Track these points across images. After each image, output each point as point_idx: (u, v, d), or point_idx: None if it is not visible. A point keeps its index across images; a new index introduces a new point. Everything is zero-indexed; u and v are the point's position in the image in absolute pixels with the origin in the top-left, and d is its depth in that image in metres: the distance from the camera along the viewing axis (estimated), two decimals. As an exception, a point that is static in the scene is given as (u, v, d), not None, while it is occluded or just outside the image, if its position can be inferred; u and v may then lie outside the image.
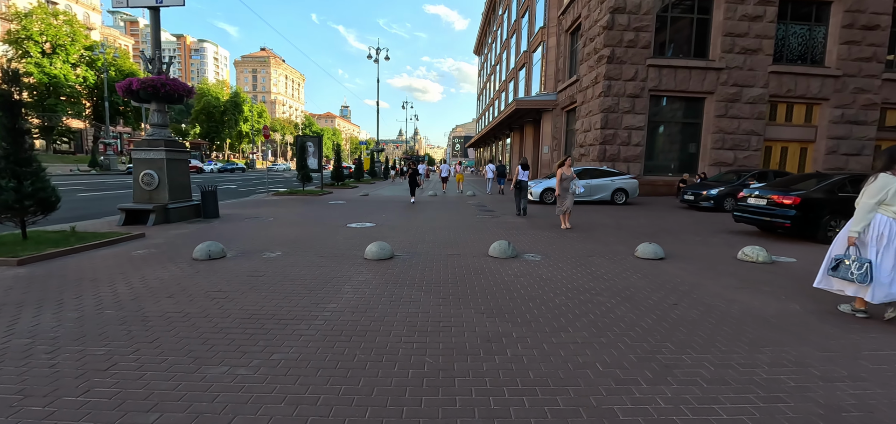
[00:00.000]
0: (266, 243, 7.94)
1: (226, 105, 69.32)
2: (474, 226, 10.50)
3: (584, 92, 22.28)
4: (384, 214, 12.70)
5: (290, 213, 12.63)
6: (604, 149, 20.31)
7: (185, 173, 11.14)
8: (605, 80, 19.94)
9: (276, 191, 20.17)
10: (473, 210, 14.26)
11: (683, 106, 21.04)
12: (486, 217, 12.42)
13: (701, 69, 20.18)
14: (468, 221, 11.42)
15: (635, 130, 20.32)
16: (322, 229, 9.70)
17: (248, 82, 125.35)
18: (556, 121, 27.04)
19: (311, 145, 23.10)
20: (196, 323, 3.97)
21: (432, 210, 14.12)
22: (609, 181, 16.47)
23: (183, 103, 10.74)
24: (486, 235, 9.11)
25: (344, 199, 17.59)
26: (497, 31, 50.36)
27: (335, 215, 12.36)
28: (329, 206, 14.79)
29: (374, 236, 8.76)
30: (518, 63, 36.88)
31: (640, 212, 14.31)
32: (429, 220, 11.39)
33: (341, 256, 6.90)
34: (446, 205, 15.77)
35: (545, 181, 16.53)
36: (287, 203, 15.81)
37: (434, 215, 12.69)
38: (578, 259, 7.02)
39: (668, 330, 4.00)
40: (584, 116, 22.13)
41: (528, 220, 11.80)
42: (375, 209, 14.18)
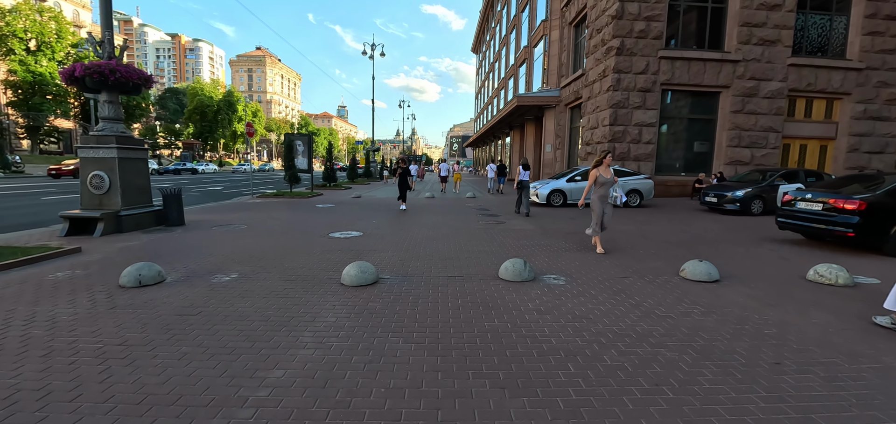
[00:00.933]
0: (224, 260, 6.42)
1: (219, 104, 67.62)
2: (478, 235, 8.99)
3: (590, 86, 20.82)
4: (375, 220, 11.19)
5: (267, 219, 11.11)
6: (612, 148, 18.83)
7: (142, 174, 9.59)
8: (614, 74, 18.48)
9: (262, 193, 18.63)
10: (475, 214, 12.76)
11: (697, 101, 19.59)
12: (490, 223, 10.93)
13: (716, 61, 18.75)
14: (470, 228, 9.91)
15: (646, 127, 18.87)
16: (298, 240, 8.18)
17: (244, 82, 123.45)
18: (559, 118, 25.59)
19: (300, 144, 21.55)
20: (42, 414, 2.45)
21: (429, 215, 12.62)
22: (622, 181, 14.99)
23: (139, 93, 9.23)
24: (494, 248, 7.62)
25: (333, 202, 16.06)
26: (495, 28, 48.87)
27: (319, 221, 10.84)
28: (314, 210, 13.26)
29: (360, 249, 7.27)
30: (518, 59, 35.40)
31: (660, 215, 12.85)
32: (425, 228, 9.87)
33: (312, 280, 5.39)
34: (445, 209, 14.27)
35: (553, 182, 15.07)
36: (269, 206, 14.29)
37: (431, 221, 11.18)
38: (612, 282, 5.53)
39: (799, 421, 2.51)
40: (591, 112, 20.67)
41: (538, 226, 10.33)
42: (366, 213, 12.67)
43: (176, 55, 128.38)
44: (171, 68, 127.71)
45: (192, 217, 11.21)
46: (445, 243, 8.01)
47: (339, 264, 6.18)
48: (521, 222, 11.04)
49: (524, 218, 11.68)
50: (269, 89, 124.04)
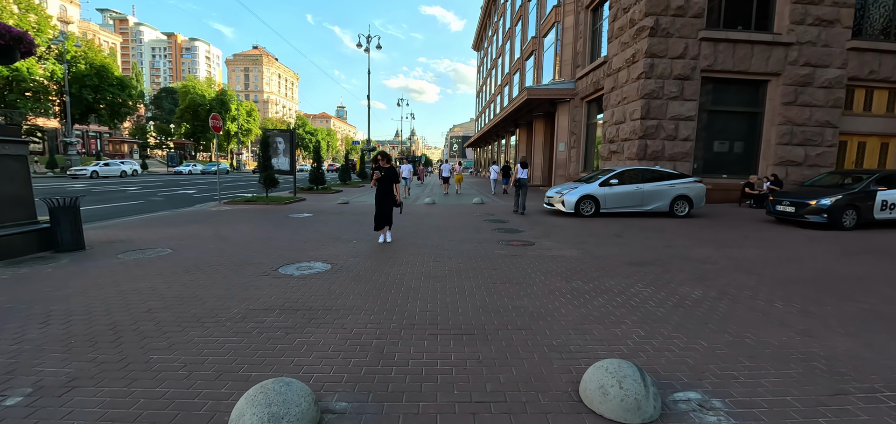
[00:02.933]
0: (43, 346, 3.42)
1: (212, 103, 64.46)
2: (504, 270, 5.97)
3: (614, 75, 17.84)
4: (356, 240, 8.17)
5: (212, 238, 8.09)
6: (644, 145, 15.87)
7: (18, 178, 6.54)
8: (646, 58, 15.50)
9: (232, 199, 15.61)
10: (489, 228, 9.76)
11: (741, 91, 16.61)
12: (514, 244, 7.91)
13: (766, 44, 15.78)
14: (489, 256, 6.89)
15: (683, 121, 15.89)
16: (223, 283, 5.16)
17: (241, 81, 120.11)
18: (574, 113, 22.60)
19: (281, 141, 18.53)
20: None
21: (430, 230, 9.60)
22: (667, 186, 12.01)
23: (12, 60, 6.27)
24: (540, 303, 4.60)
25: (313, 210, 13.06)
26: (498, 22, 45.91)
27: (278, 242, 7.82)
28: (284, 223, 10.26)
29: (312, 306, 4.27)
30: (524, 52, 32.42)
31: (728, 231, 9.86)
32: (424, 256, 6.83)
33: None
34: (450, 220, 11.26)
35: (583, 186, 12.05)
36: (231, 217, 11.29)
37: (433, 242, 8.16)
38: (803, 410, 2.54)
39: None
40: (616, 105, 17.69)
41: (583, 251, 7.29)
42: (348, 228, 9.66)
43: (172, 55, 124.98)
44: (167, 68, 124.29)
45: (111, 234, 8.21)
46: (457, 291, 4.98)
47: (256, 353, 3.19)
48: (556, 244, 8.03)
49: (550, 236, 8.71)
50: (266, 89, 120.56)
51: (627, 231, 9.53)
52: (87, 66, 46.75)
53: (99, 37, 79.11)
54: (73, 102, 47.52)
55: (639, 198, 11.91)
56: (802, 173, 16.30)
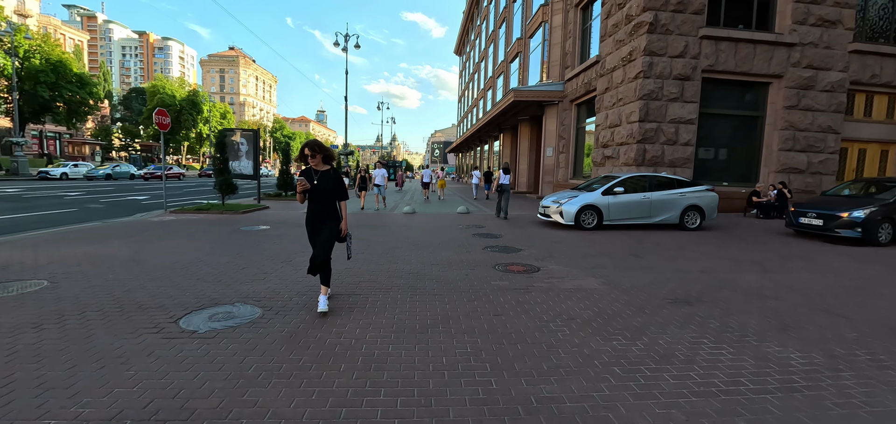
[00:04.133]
0: None
1: (182, 103, 61.04)
2: (511, 320, 4.23)
3: (608, 75, 16.50)
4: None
5: (116, 265, 6.12)
6: (642, 150, 14.51)
7: None
8: (644, 56, 14.18)
9: (180, 208, 13.45)
10: (479, 246, 8.05)
11: (742, 93, 15.49)
12: (515, 271, 6.21)
13: (768, 44, 14.70)
14: (483, 289, 5.18)
15: (684, 124, 14.61)
16: (60, 364, 3.28)
17: (216, 83, 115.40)
18: (563, 116, 21.23)
19: (244, 142, 16.43)
20: None
21: (407, 249, 7.81)
22: (677, 195, 10.58)
23: None
24: (580, 389, 2.91)
25: (273, 221, 11.10)
26: (481, 25, 44.61)
27: (205, 271, 5.91)
28: (228, 239, 8.31)
29: (199, 401, 2.47)
30: (509, 54, 31.07)
31: (753, 248, 8.43)
32: (390, 299, 5.03)
33: None
34: (431, 235, 9.50)
35: (584, 195, 10.49)
36: (168, 230, 9.25)
37: (408, 268, 6.38)
38: None
39: None
40: (610, 107, 16.33)
41: (607, 281, 5.64)
42: (306, 245, 7.79)
43: (143, 54, 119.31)
44: (138, 68, 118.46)
45: None
46: (444, 365, 3.20)
47: None
48: (567, 270, 6.38)
49: (554, 257, 7.08)
50: (243, 91, 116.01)
51: (642, 248, 7.98)
52: (43, 61, 43.07)
53: (61, 32, 74.38)
54: (27, 100, 43.79)
55: (646, 209, 10.43)
56: (805, 181, 15.25)
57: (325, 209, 4.19)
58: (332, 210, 4.22)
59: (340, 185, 4.20)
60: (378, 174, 15.74)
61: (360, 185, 15.06)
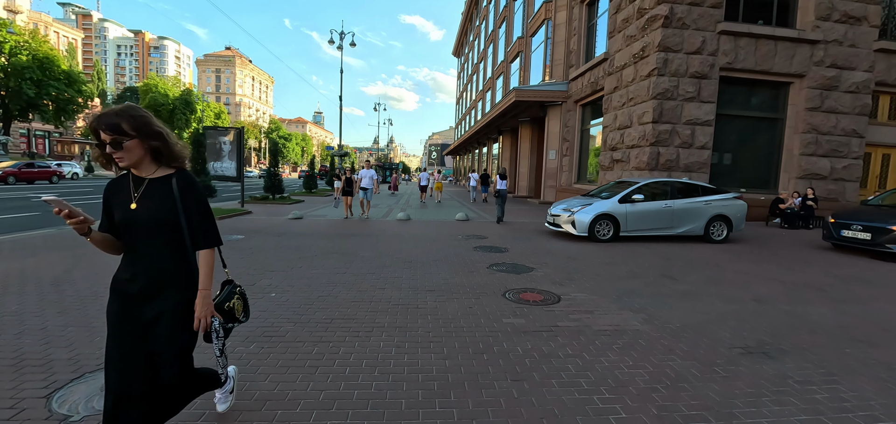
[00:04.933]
0: None
1: (175, 102, 59.58)
2: (534, 388, 3.04)
3: (617, 74, 15.37)
4: (273, 295, 5.10)
5: (13, 287, 4.88)
6: (656, 153, 13.37)
7: None
8: (658, 52, 13.06)
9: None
10: (483, 266, 6.82)
11: (760, 94, 14.41)
12: (533, 303, 4.99)
13: (790, 41, 13.62)
14: (492, 331, 3.97)
15: (700, 126, 13.49)
16: None
17: (211, 83, 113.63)
18: (566, 117, 20.09)
19: (226, 141, 15.16)
20: None
21: (393, 269, 6.57)
22: (702, 203, 9.42)
23: None
24: None
25: (248, 230, 9.85)
26: (481, 25, 43.54)
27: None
28: (191, 252, 7.06)
29: None
30: (509, 54, 29.97)
31: (797, 266, 7.27)
32: (369, 345, 3.83)
33: None
34: (424, 252, 8.26)
35: (599, 203, 9.30)
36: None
37: (391, 301, 5.15)
38: None
39: None
40: (619, 107, 15.20)
41: (641, 312, 4.45)
42: (276, 262, 6.57)
43: (139, 53, 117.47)
44: (133, 67, 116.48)
45: None
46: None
47: None
48: (593, 299, 5.17)
49: (574, 279, 5.89)
50: (239, 91, 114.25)
51: (673, 267, 6.80)
52: (29, 58, 41.58)
53: (55, 30, 72.77)
54: (13, 97, 42.32)
55: (668, 218, 9.26)
56: (827, 188, 14.16)
57: (152, 268, 1.75)
58: (173, 269, 1.79)
59: (201, 209, 1.84)
60: (365, 175, 13.16)
61: (344, 189, 12.72)
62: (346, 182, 12.73)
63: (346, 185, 12.72)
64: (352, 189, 12.78)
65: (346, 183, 12.73)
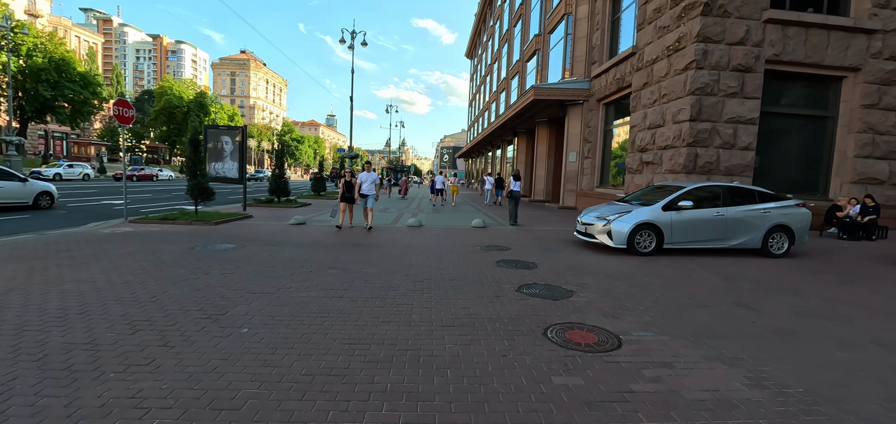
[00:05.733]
0: None
1: (189, 105, 59.67)
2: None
3: (647, 69, 14.05)
4: (245, 330, 4.00)
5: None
6: (693, 155, 12.03)
7: None
8: (697, 43, 11.73)
9: (144, 217, 11.26)
10: (509, 287, 5.62)
11: (809, 89, 12.95)
12: (582, 350, 3.79)
13: (844, 31, 12.17)
14: (536, 398, 2.84)
15: (743, 124, 12.11)
16: None
17: (227, 86, 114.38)
18: (588, 117, 18.78)
19: (227, 141, 14.26)
20: None
21: (399, 291, 5.42)
22: (759, 211, 8.09)
23: None
24: None
25: (242, 238, 8.83)
26: (494, 25, 42.38)
27: (47, 348, 3.61)
28: (163, 266, 6.02)
29: None
30: (525, 53, 28.73)
31: (887, 289, 5.93)
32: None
33: None
34: (437, 268, 7.05)
35: (640, 209, 8.03)
36: (105, 247, 7.03)
37: (397, 334, 4.01)
38: None
39: None
40: (649, 105, 13.88)
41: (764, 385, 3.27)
42: (264, 281, 5.49)
43: (157, 57, 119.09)
44: (151, 70, 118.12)
45: None
46: None
47: None
48: (665, 340, 3.96)
49: (627, 308, 4.68)
50: (253, 94, 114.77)
51: (743, 291, 5.53)
52: (45, 60, 41.78)
53: (76, 34, 73.84)
54: (29, 98, 42.57)
55: (719, 229, 7.96)
56: (885, 194, 12.62)
57: None
58: None
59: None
60: (365, 180, 10.70)
61: (343, 195, 10.53)
62: (346, 186, 10.61)
63: (346, 190, 10.59)
64: (352, 194, 10.64)
65: (346, 187, 10.61)
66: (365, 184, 10.72)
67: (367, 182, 10.74)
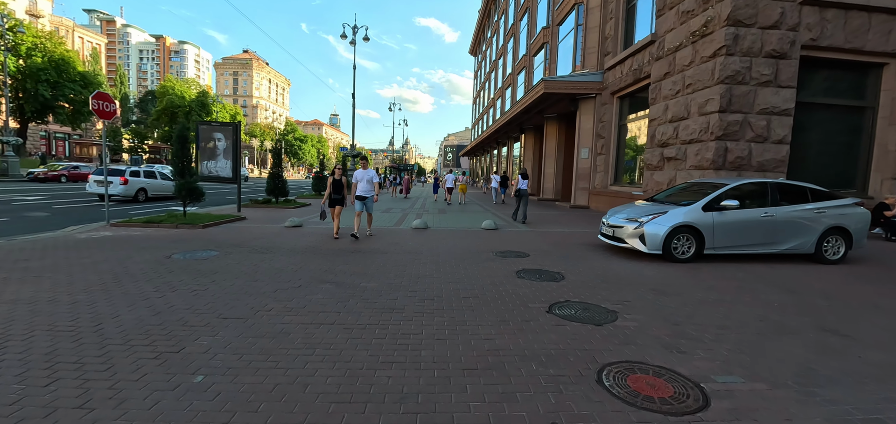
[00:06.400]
0: None
1: (191, 104, 58.95)
2: None
3: (669, 57, 13.02)
4: (200, 378, 3.06)
5: None
6: (723, 149, 11.01)
7: None
8: (727, 27, 10.70)
9: (128, 220, 10.37)
10: (540, 307, 4.64)
11: (846, 78, 11.89)
12: (664, 415, 2.86)
13: (888, 13, 11.12)
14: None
15: (777, 116, 11.07)
16: None
17: (229, 85, 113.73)
18: (601, 111, 17.76)
19: (221, 138, 13.37)
20: None
21: (408, 304, 4.50)
22: (811, 211, 7.09)
23: None
24: None
25: (228, 244, 7.92)
26: (499, 20, 41.34)
27: None
28: (128, 279, 5.11)
29: None
30: (532, 46, 27.71)
31: None
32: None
33: None
34: (446, 282, 6.08)
35: (674, 210, 7.05)
36: (74, 254, 6.14)
37: (399, 382, 3.08)
38: None
39: None
40: (671, 96, 12.86)
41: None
42: (238, 302, 4.56)
43: (160, 57, 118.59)
44: (154, 71, 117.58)
45: None
46: None
47: None
48: (804, 417, 2.97)
49: (688, 335, 3.71)
50: (256, 93, 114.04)
51: (814, 308, 4.54)
52: (45, 59, 41.10)
53: (77, 34, 73.38)
54: (29, 99, 41.91)
55: (767, 231, 6.96)
56: (930, 191, 11.56)
57: None
58: None
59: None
60: (362, 178, 8.67)
61: (331, 197, 8.66)
62: (334, 186, 8.65)
63: (335, 191, 8.64)
64: (342, 196, 8.74)
65: (334, 187, 8.65)
66: (361, 184, 8.66)
67: (364, 181, 8.66)
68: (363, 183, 8.68)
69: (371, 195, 8.79)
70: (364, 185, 8.69)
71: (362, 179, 8.69)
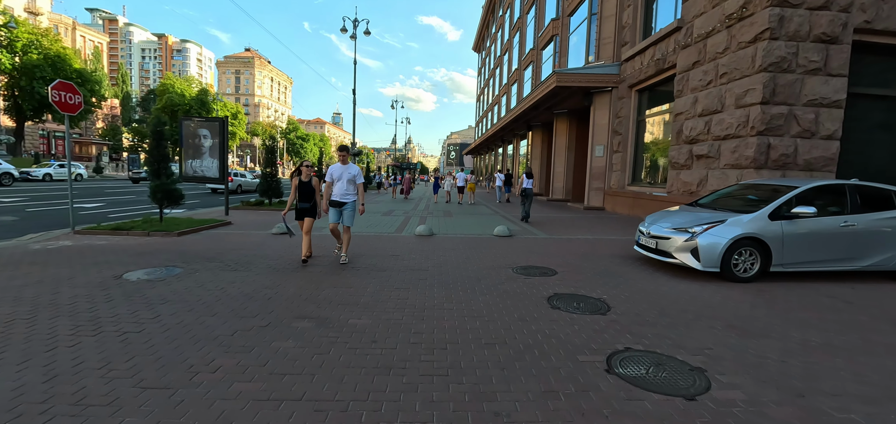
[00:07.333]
0: None
1: (191, 102, 57.98)
2: None
3: (699, 44, 11.72)
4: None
5: None
6: (765, 145, 9.72)
7: None
8: (771, 8, 9.40)
9: (94, 227, 9.18)
10: (595, 366, 3.46)
11: (901, 66, 10.57)
12: None
13: (953, -9, 9.79)
14: None
15: (826, 108, 9.77)
16: None
17: (231, 84, 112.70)
18: (618, 105, 16.47)
19: (206, 135, 12.18)
20: None
21: (410, 358, 3.29)
22: (874, 219, 5.82)
23: None
24: None
25: (200, 255, 6.70)
26: (504, 15, 39.98)
27: None
28: (7, 330, 3.92)
29: None
30: (540, 41, 26.39)
31: None
32: None
33: None
34: (462, 310, 4.85)
35: (733, 218, 5.77)
36: (13, 271, 4.96)
37: None
38: None
39: None
40: (702, 88, 11.56)
41: None
42: (160, 369, 3.35)
43: (162, 56, 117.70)
44: (156, 69, 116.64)
45: None
46: None
47: None
48: None
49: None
50: (258, 92, 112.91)
51: None
52: (41, 56, 40.13)
53: (79, 33, 72.52)
54: (25, 96, 41.00)
55: (847, 244, 5.69)
56: None
57: None
58: None
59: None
60: (340, 177, 6.18)
61: (299, 207, 6.37)
62: (301, 191, 6.27)
63: (302, 196, 6.29)
64: (313, 204, 6.33)
65: (302, 192, 6.27)
66: (339, 185, 6.18)
67: (343, 180, 6.16)
68: (341, 183, 6.17)
69: (352, 200, 6.20)
70: (342, 186, 6.16)
71: (341, 178, 6.17)
